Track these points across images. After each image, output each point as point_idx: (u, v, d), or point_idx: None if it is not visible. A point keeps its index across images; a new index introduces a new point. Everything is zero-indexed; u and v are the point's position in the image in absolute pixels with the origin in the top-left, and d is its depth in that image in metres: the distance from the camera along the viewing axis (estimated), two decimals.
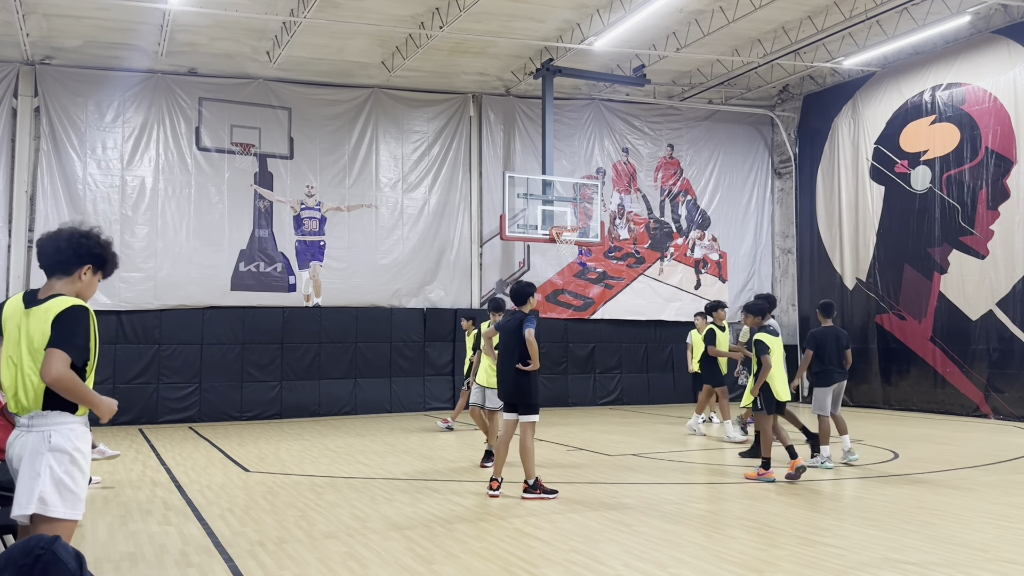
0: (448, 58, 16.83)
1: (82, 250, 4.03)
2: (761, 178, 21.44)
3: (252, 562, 5.87)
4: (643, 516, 7.36)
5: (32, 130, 15.84)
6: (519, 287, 8.64)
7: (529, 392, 8.25)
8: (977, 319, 16.12)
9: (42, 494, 3.75)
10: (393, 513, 7.52)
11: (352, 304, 17.65)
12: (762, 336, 9.25)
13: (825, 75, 19.37)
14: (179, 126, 16.70)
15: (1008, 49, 15.78)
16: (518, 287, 8.64)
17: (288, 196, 17.42)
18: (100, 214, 15.99)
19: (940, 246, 16.94)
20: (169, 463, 10.78)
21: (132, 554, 6.15)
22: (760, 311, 9.64)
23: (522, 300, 8.55)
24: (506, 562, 5.83)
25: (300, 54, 16.13)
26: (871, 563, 5.74)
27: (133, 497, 8.42)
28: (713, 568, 5.65)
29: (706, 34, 15.53)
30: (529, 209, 16.92)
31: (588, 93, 19.58)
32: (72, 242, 4.03)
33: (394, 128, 18.31)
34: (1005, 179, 15.77)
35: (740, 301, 20.44)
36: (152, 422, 15.81)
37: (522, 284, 8.65)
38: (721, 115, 20.89)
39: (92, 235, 4.09)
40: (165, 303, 16.26)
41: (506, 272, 19.11)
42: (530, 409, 8.29)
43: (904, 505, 7.77)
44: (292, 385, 17.01)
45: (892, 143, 18.06)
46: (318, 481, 9.29)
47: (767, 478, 9.01)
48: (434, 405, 17.99)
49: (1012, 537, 6.51)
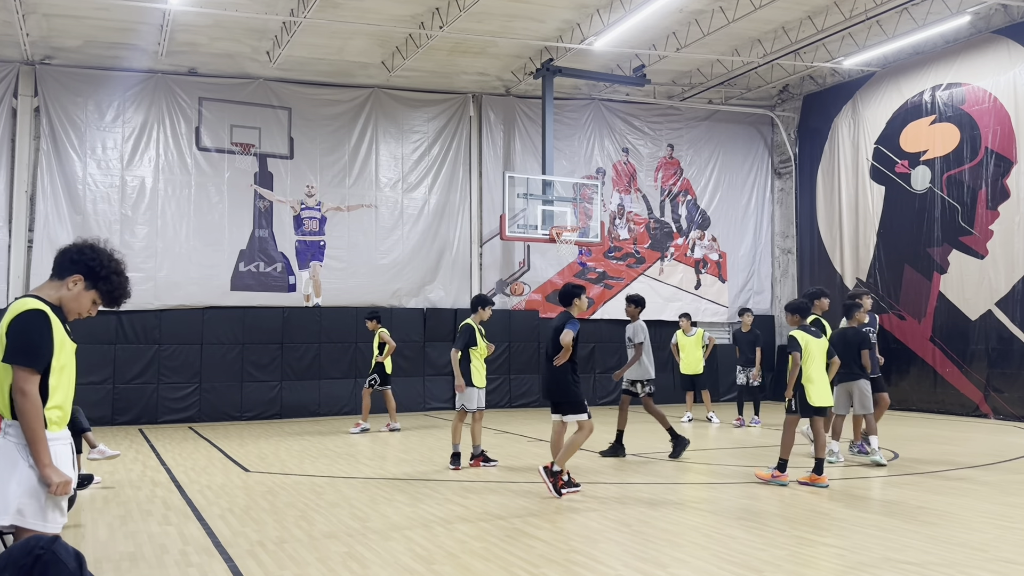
0: (448, 58, 16.84)
1: (78, 258, 3.97)
2: (761, 178, 21.44)
3: (252, 562, 5.87)
4: (643, 516, 7.36)
5: (32, 130, 15.85)
6: (566, 288, 8.72)
7: (567, 390, 8.32)
8: (976, 319, 16.12)
9: (20, 506, 3.68)
10: (393, 513, 7.52)
11: (352, 304, 17.65)
12: (795, 332, 8.87)
13: (825, 75, 19.37)
14: (179, 126, 16.71)
15: (1008, 49, 15.78)
16: (565, 288, 8.72)
17: (288, 196, 17.42)
18: (100, 214, 16.00)
19: (940, 246, 16.94)
20: (169, 463, 10.78)
21: (132, 554, 6.15)
22: (798, 309, 9.12)
23: (568, 301, 8.66)
24: (506, 562, 5.83)
25: (300, 54, 16.13)
26: (871, 563, 5.74)
27: (133, 497, 8.42)
28: (713, 568, 5.65)
29: (706, 34, 15.53)
30: (529, 209, 16.92)
31: (588, 93, 19.58)
32: (74, 249, 4.01)
33: (394, 128, 18.32)
34: (1005, 179, 15.77)
35: (739, 302, 20.46)
36: (152, 422, 15.81)
37: (569, 286, 8.75)
38: (721, 115, 20.90)
39: (97, 249, 4.01)
40: (165, 303, 16.26)
41: (506, 272, 19.11)
42: (575, 408, 8.35)
43: (904, 505, 7.77)
44: (292, 385, 17.01)
45: (892, 143, 18.06)
46: (318, 481, 9.29)
47: (780, 481, 8.75)
48: (434, 405, 17.99)
49: (1012, 537, 6.51)
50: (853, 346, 10.15)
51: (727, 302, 20.69)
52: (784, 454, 8.85)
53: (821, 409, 8.88)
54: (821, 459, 8.74)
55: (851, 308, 10.55)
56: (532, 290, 19.18)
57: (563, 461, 8.25)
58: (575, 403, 8.35)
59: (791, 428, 8.92)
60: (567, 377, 8.37)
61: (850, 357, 10.02)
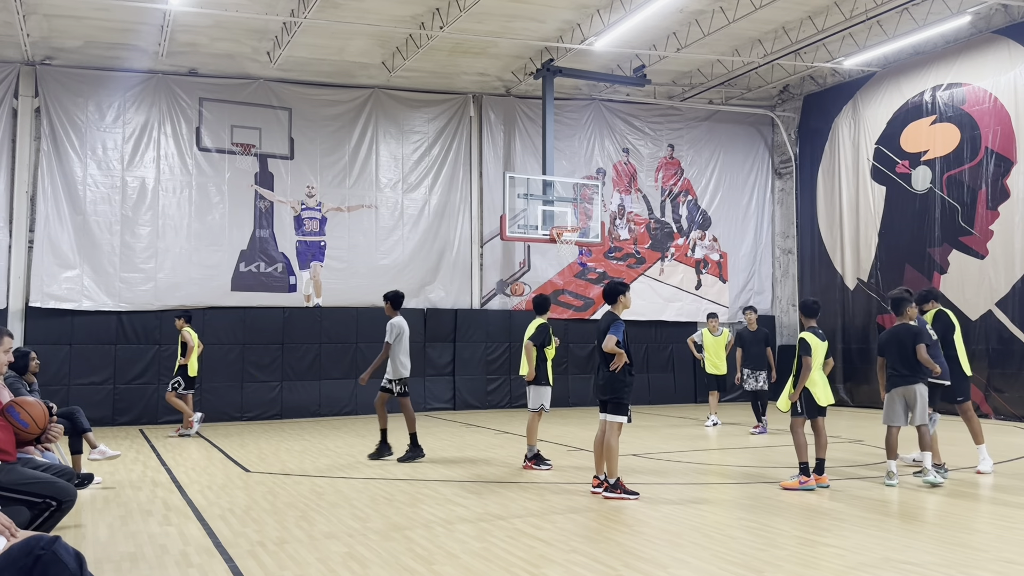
0: (448, 58, 16.84)
1: None
2: (762, 178, 21.43)
3: (252, 562, 5.87)
4: (643, 516, 7.36)
5: (32, 131, 15.85)
6: (610, 286, 8.55)
7: (618, 390, 8.25)
8: (977, 319, 16.12)
9: None
10: (393, 513, 7.52)
11: (352, 304, 17.65)
12: (806, 335, 8.75)
13: (825, 75, 19.37)
14: (179, 126, 16.71)
15: (1008, 49, 15.78)
16: (608, 286, 8.56)
17: (288, 196, 17.43)
18: (100, 215, 16.00)
19: (940, 246, 16.94)
20: (169, 463, 10.78)
21: (132, 554, 6.15)
22: (810, 311, 9.06)
23: (612, 299, 8.49)
24: (506, 562, 5.83)
25: (300, 54, 16.14)
26: (871, 563, 5.74)
27: (134, 497, 8.42)
28: (713, 568, 5.65)
29: (706, 34, 15.53)
30: (529, 209, 16.91)
31: (588, 93, 19.57)
32: None
33: (394, 128, 18.32)
34: (1005, 179, 15.77)
35: (740, 302, 20.46)
36: (152, 422, 15.82)
37: (612, 283, 8.56)
38: (721, 115, 20.89)
39: None
40: (165, 303, 16.27)
41: (506, 272, 19.12)
42: (619, 409, 8.29)
43: (904, 505, 7.77)
44: (292, 385, 17.01)
45: (893, 143, 18.06)
46: (318, 481, 9.29)
47: (808, 486, 8.50)
48: (434, 405, 17.99)
49: (1012, 537, 6.51)
50: (908, 344, 8.95)
51: (728, 302, 20.68)
52: (802, 457, 8.64)
53: (824, 409, 8.86)
54: (822, 459, 8.72)
55: (901, 303, 9.29)
56: (532, 290, 19.17)
57: (614, 470, 8.20)
58: (620, 404, 8.30)
59: (799, 430, 8.77)
60: (621, 377, 8.27)
61: (903, 357, 8.96)
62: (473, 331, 18.40)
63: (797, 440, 8.72)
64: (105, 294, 15.85)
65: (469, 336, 18.37)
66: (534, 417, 10.10)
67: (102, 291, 15.88)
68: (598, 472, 8.44)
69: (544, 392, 10.09)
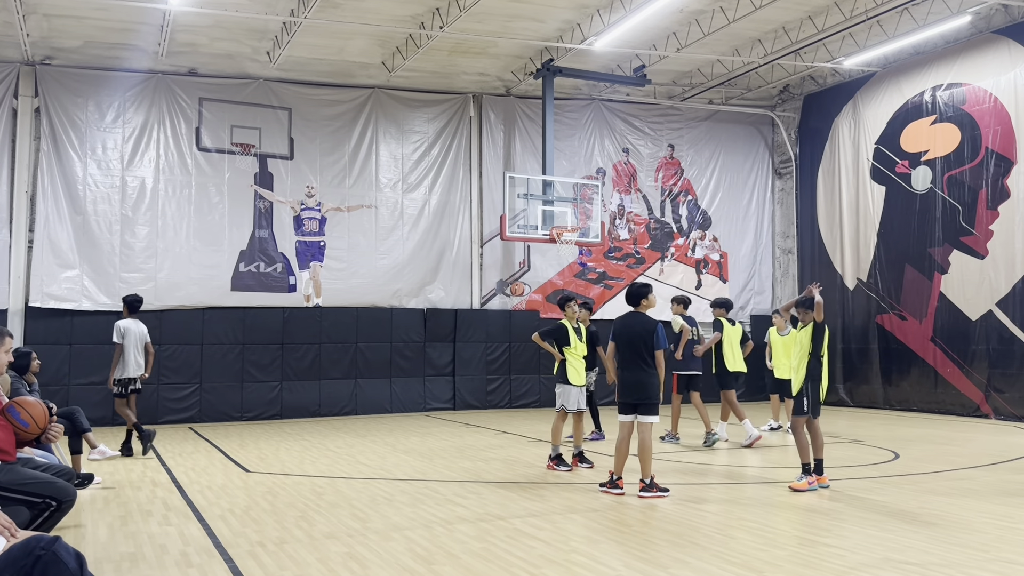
0: (448, 58, 16.84)
1: None
2: (762, 178, 21.43)
3: (252, 563, 5.87)
4: (643, 516, 7.36)
5: (32, 130, 15.85)
6: (633, 288, 8.53)
7: (653, 393, 8.29)
8: (977, 319, 16.12)
9: None
10: (393, 513, 7.51)
11: (352, 304, 17.65)
12: None
13: (825, 75, 19.37)
14: (179, 126, 16.71)
15: (1009, 49, 15.78)
16: (632, 288, 8.54)
17: (288, 196, 17.42)
18: (100, 214, 16.00)
19: (941, 246, 16.94)
20: (169, 463, 10.78)
21: (132, 554, 6.15)
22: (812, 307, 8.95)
23: (636, 301, 8.51)
24: (506, 562, 5.83)
25: (300, 54, 16.13)
26: (871, 563, 5.74)
27: (133, 497, 8.42)
28: (713, 568, 5.65)
29: (706, 34, 15.53)
30: (529, 209, 16.92)
31: (588, 93, 19.57)
32: None
33: (394, 128, 18.31)
34: (1005, 179, 15.77)
35: (740, 302, 20.46)
36: (152, 422, 15.78)
37: (635, 285, 8.54)
38: (721, 115, 20.89)
39: None
40: (165, 303, 16.26)
41: (506, 272, 19.11)
42: (651, 409, 8.32)
43: (904, 505, 7.76)
44: (292, 385, 17.01)
45: (893, 143, 18.06)
46: (318, 482, 9.29)
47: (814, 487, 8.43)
48: (434, 405, 17.99)
49: (1012, 537, 6.51)
50: None
51: None
52: (804, 457, 8.57)
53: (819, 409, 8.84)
54: (820, 459, 8.71)
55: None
56: (532, 290, 19.18)
57: (647, 470, 8.23)
58: (654, 405, 8.34)
59: (801, 429, 8.66)
60: (655, 380, 8.30)
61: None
62: (473, 331, 18.40)
63: (799, 441, 8.67)
64: (105, 294, 15.84)
65: (469, 336, 18.37)
66: (558, 417, 10.05)
67: (102, 291, 15.88)
68: (617, 472, 8.43)
69: (566, 391, 10.02)
